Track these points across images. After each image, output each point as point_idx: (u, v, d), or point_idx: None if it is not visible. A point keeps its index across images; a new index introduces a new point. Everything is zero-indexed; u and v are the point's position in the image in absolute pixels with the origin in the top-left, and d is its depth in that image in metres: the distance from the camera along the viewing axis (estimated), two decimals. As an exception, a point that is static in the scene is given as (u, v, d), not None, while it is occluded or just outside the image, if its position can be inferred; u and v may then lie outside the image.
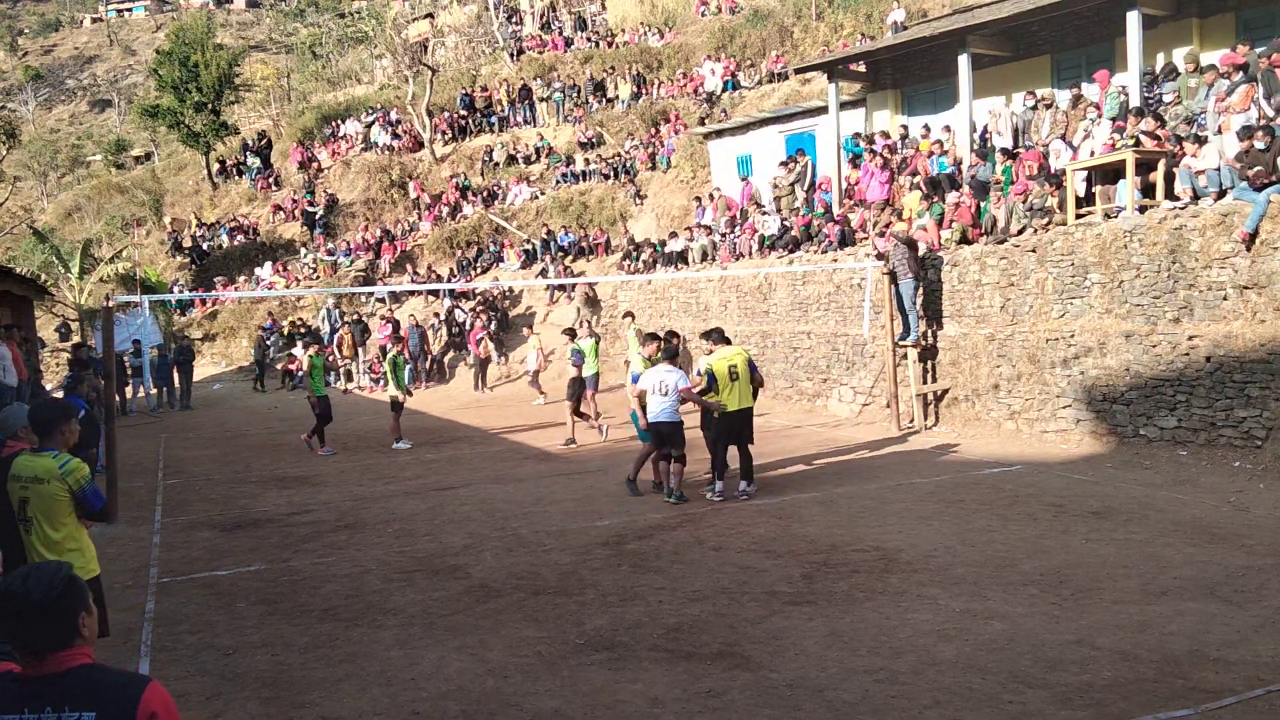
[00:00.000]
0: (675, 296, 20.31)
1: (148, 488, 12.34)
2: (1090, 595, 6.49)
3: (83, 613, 2.33)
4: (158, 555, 8.90)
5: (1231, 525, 8.07)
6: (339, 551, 8.67)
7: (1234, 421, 10.31)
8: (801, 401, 16.38)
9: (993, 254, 13.19)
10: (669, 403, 9.82)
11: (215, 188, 36.12)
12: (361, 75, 47.65)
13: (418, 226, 29.60)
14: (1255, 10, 13.65)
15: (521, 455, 13.63)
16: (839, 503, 9.63)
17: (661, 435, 9.97)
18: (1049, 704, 4.90)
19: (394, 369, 14.70)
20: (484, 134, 32.67)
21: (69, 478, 4.83)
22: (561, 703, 5.21)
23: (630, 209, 26.57)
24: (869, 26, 26.88)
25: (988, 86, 16.36)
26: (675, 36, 33.48)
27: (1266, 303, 10.17)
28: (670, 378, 9.87)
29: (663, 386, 9.89)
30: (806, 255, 16.76)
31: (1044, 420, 12.26)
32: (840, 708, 4.99)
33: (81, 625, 2.32)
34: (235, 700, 5.45)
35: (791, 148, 20.38)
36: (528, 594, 7.13)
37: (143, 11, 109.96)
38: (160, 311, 25.80)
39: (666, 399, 9.82)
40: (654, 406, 9.92)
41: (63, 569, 2.35)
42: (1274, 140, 10.58)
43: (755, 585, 7.06)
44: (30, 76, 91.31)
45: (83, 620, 2.33)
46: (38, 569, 2.34)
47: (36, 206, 48.93)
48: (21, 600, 2.26)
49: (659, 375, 9.99)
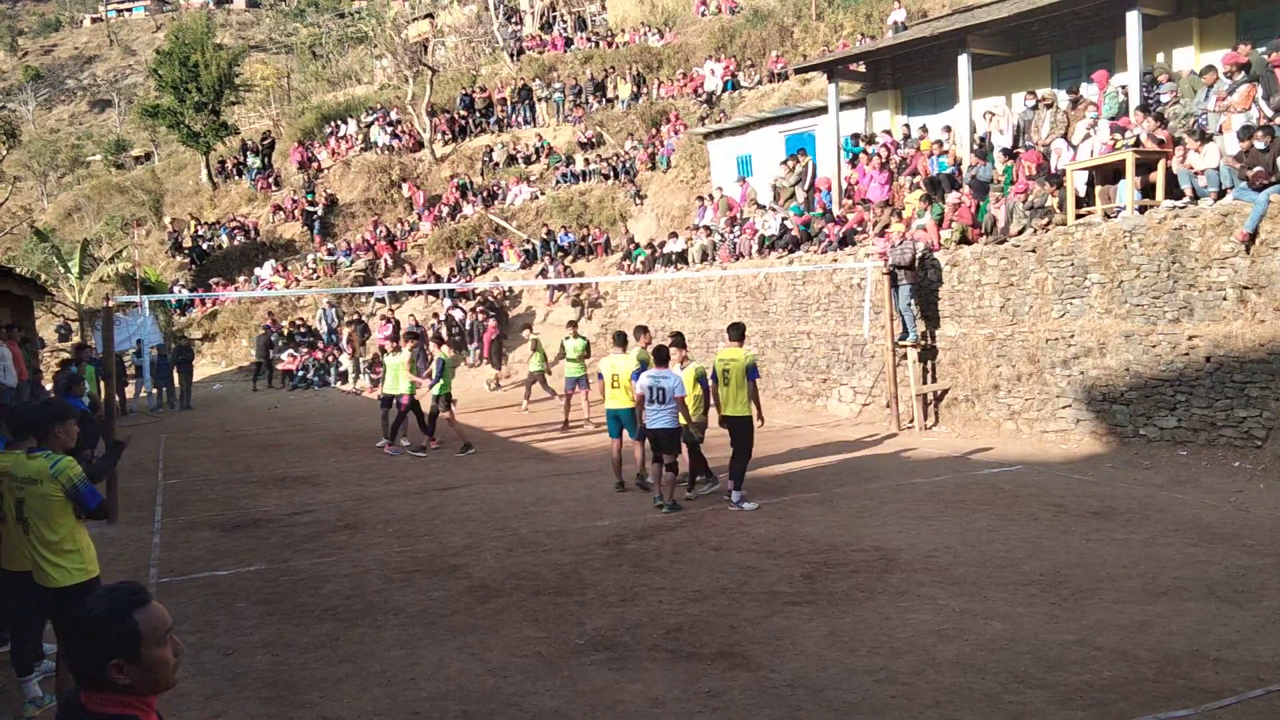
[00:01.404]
0: (675, 296, 20.31)
1: (148, 488, 12.33)
2: (1090, 595, 6.50)
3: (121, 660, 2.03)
4: (158, 555, 8.90)
5: (1231, 525, 8.08)
6: (339, 551, 8.67)
7: (1234, 421, 10.32)
8: (801, 401, 16.38)
9: (993, 254, 13.19)
10: (667, 410, 9.45)
11: (215, 188, 36.12)
12: (361, 75, 47.67)
13: (418, 226, 29.61)
14: (1255, 10, 13.65)
15: (521, 455, 13.63)
16: (839, 503, 9.63)
17: (658, 443, 9.58)
18: (1049, 704, 4.90)
19: (441, 369, 14.01)
20: (484, 134, 32.67)
21: (60, 477, 4.82)
22: (561, 703, 5.21)
23: (630, 209, 26.58)
24: (869, 26, 26.88)
25: (988, 86, 16.37)
26: (675, 36, 33.47)
27: (1266, 303, 10.17)
28: (667, 384, 9.48)
29: (659, 393, 9.49)
30: (806, 255, 16.76)
31: (1044, 420, 12.26)
32: (840, 708, 4.99)
33: (113, 672, 2.03)
34: (235, 700, 5.45)
35: (791, 148, 20.38)
36: (528, 594, 7.13)
37: (143, 11, 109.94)
38: (160, 311, 25.80)
39: (664, 406, 9.46)
40: (651, 413, 9.53)
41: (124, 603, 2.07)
42: (1274, 140, 10.58)
43: (755, 585, 7.06)
44: (30, 76, 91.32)
45: (117, 667, 2.03)
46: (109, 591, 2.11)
47: (36, 206, 48.92)
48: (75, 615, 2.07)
49: (654, 380, 9.58)
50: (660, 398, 9.46)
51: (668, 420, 9.45)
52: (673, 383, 9.48)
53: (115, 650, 2.04)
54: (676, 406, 9.44)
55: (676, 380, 9.52)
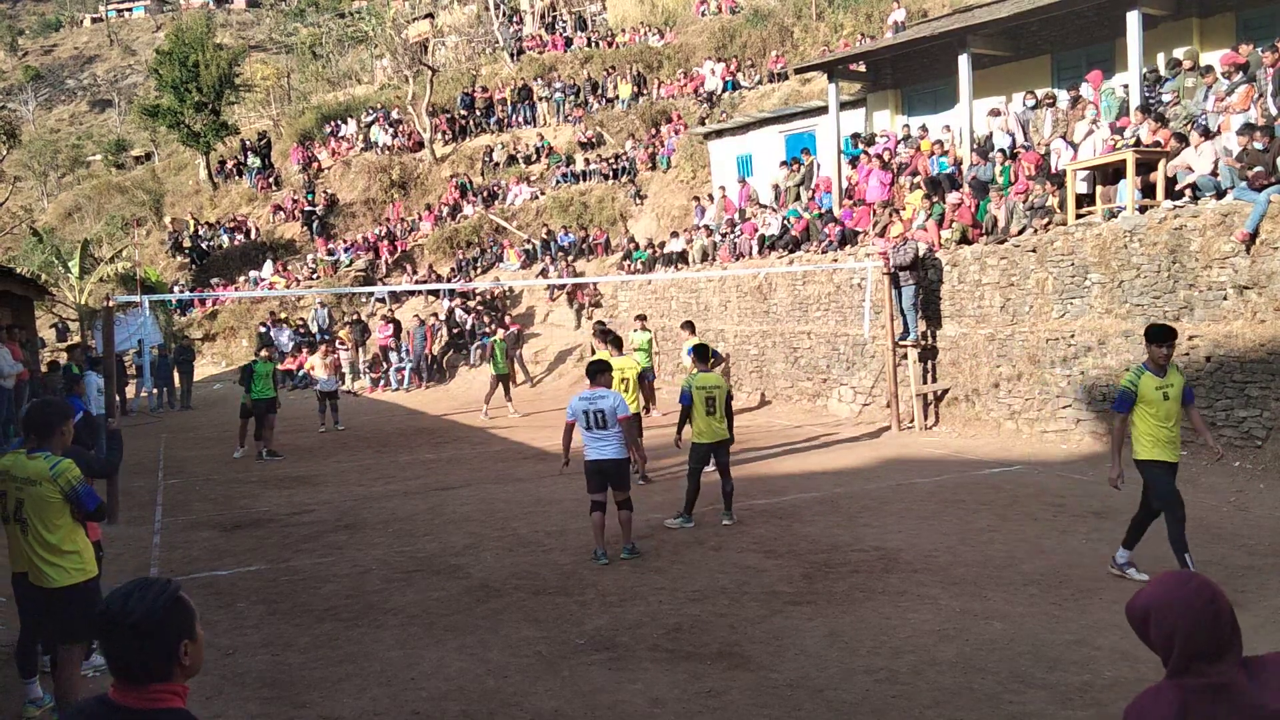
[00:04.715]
0: (675, 297, 20.30)
1: (148, 488, 12.34)
2: (1090, 595, 6.50)
3: (185, 640, 2.09)
4: (158, 555, 8.91)
5: (1231, 525, 8.08)
6: (339, 551, 8.67)
7: (1234, 421, 10.31)
8: (802, 401, 16.38)
9: (993, 254, 13.19)
10: (611, 436, 7.95)
11: (215, 188, 36.12)
12: (361, 75, 47.65)
13: (418, 226, 29.62)
14: (1255, 10, 13.65)
15: (521, 455, 13.62)
16: (839, 503, 9.63)
17: (608, 478, 8.03)
18: (1049, 704, 4.90)
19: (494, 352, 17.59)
20: (484, 134, 32.67)
21: (59, 479, 4.81)
22: (561, 703, 5.21)
23: (630, 209, 26.57)
24: (869, 26, 26.89)
25: (988, 86, 16.36)
26: (675, 36, 33.47)
27: (1266, 303, 10.17)
28: (605, 404, 7.95)
29: (598, 418, 7.92)
30: (806, 255, 16.76)
31: (1044, 420, 12.26)
32: (840, 708, 4.99)
33: (183, 654, 2.09)
34: (235, 700, 5.45)
35: (791, 148, 20.38)
36: (528, 594, 7.13)
37: (143, 11, 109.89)
38: (160, 311, 25.80)
39: (607, 432, 7.94)
40: (592, 444, 7.99)
41: (169, 589, 2.11)
42: (1273, 140, 10.58)
43: (755, 585, 7.06)
44: (30, 76, 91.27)
45: (184, 649, 2.09)
46: (143, 586, 2.11)
47: (36, 206, 48.93)
48: (119, 620, 2.04)
49: (587, 403, 7.97)
50: (600, 422, 7.91)
51: (615, 449, 7.97)
52: (612, 402, 7.98)
53: (181, 633, 2.09)
54: (621, 430, 7.98)
55: (617, 399, 8.05)
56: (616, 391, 8.49)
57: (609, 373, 8.50)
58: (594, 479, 8.05)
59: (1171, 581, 2.18)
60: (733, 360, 17.85)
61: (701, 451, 9.09)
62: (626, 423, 8.03)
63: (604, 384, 8.23)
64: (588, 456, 8.07)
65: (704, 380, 9.06)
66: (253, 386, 14.30)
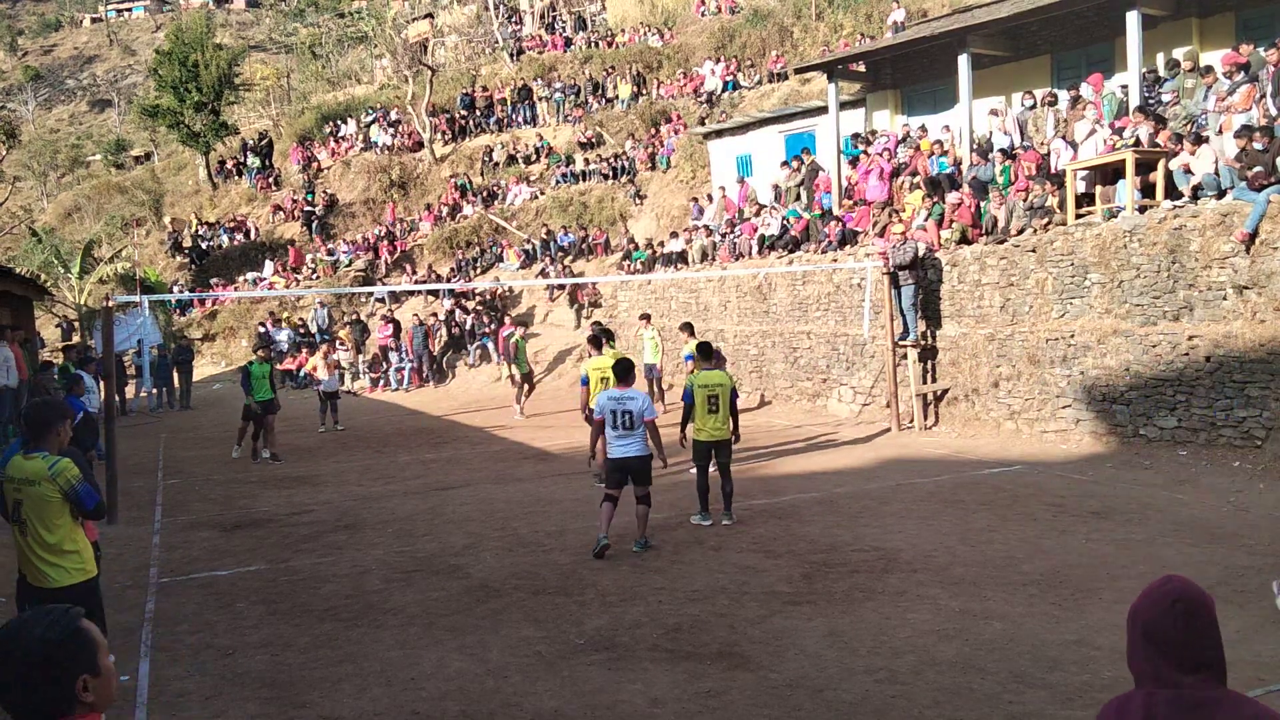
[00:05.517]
0: (675, 297, 20.30)
1: (148, 488, 12.33)
2: (1090, 595, 6.50)
3: (85, 675, 1.92)
4: (158, 555, 8.90)
5: (1231, 525, 8.08)
6: (339, 551, 8.67)
7: (1234, 421, 10.32)
8: (802, 401, 16.38)
9: (993, 254, 13.19)
10: (636, 436, 8.15)
11: (215, 188, 36.12)
12: (361, 75, 47.65)
13: (417, 226, 29.62)
14: (1255, 10, 13.66)
15: (521, 455, 13.63)
16: (839, 503, 9.63)
17: (631, 474, 8.21)
18: (1049, 704, 4.90)
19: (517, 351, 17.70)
20: (484, 134, 32.67)
21: (59, 478, 4.79)
22: (561, 703, 5.21)
23: (630, 209, 26.57)
24: (869, 26, 26.88)
25: (988, 86, 16.37)
26: (675, 36, 33.47)
27: (1266, 303, 10.17)
28: (634, 405, 8.16)
29: (625, 418, 8.13)
30: (806, 255, 16.76)
31: (1044, 420, 12.26)
32: (840, 708, 4.99)
33: (82, 691, 1.92)
34: (235, 700, 5.45)
35: (792, 148, 20.37)
36: (528, 594, 7.13)
37: (143, 11, 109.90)
38: (160, 311, 25.80)
39: (633, 433, 8.14)
40: (616, 442, 8.18)
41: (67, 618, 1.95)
42: (1273, 141, 10.58)
43: (755, 585, 7.06)
44: (30, 76, 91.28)
45: (83, 685, 1.92)
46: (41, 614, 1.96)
47: (36, 206, 48.91)
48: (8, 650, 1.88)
49: (617, 403, 8.19)
50: (628, 423, 8.12)
51: (640, 447, 8.18)
52: (640, 404, 8.19)
53: (78, 667, 1.93)
54: (646, 430, 8.19)
55: (645, 401, 8.27)
56: (644, 393, 8.84)
57: (631, 373, 8.55)
58: (615, 475, 8.25)
59: (1156, 581, 2.11)
60: (732, 360, 17.85)
61: (702, 448, 9.20)
62: (652, 424, 8.29)
63: (630, 384, 8.39)
64: (611, 454, 8.25)
65: (706, 379, 9.18)
66: (251, 389, 14.20)
